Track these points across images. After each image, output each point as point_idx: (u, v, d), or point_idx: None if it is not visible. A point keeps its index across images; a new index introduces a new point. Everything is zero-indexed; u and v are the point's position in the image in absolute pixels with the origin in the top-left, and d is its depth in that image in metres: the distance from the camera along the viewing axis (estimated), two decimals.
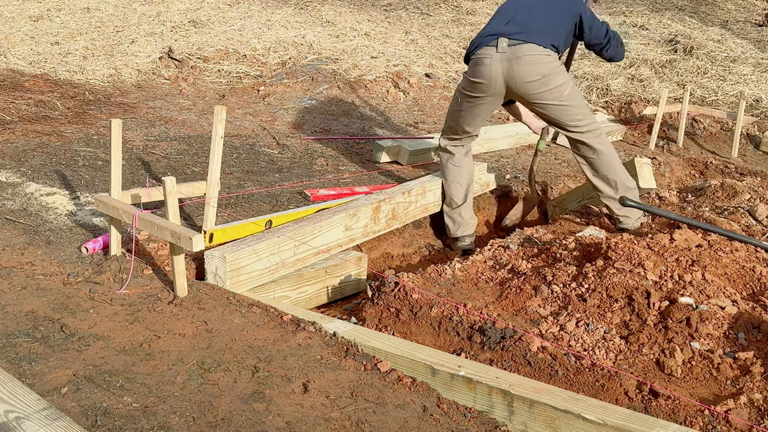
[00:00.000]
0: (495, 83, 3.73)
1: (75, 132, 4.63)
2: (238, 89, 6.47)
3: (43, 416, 1.73)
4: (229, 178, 4.09)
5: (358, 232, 3.60)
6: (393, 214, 3.83)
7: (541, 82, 3.69)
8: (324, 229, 3.38)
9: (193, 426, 1.99)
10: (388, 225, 3.83)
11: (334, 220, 3.43)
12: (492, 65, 3.69)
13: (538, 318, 2.87)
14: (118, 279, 2.84)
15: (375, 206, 3.69)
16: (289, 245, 3.17)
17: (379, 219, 3.74)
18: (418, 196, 4.00)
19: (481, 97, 3.82)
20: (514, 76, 3.67)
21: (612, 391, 2.44)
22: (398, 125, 5.91)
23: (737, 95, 7.20)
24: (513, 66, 3.66)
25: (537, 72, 3.67)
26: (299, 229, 3.24)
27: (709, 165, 5.81)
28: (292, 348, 2.47)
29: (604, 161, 3.89)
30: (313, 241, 3.31)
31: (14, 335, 2.37)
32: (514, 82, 3.69)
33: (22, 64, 6.34)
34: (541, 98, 3.74)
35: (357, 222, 3.58)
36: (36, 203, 3.43)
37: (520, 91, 3.74)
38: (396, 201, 3.83)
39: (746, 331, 2.76)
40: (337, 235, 3.47)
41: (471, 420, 2.23)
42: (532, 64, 3.66)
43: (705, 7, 11.15)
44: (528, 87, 3.70)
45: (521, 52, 3.66)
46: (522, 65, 3.66)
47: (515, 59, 3.65)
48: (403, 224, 3.99)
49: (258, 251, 3.04)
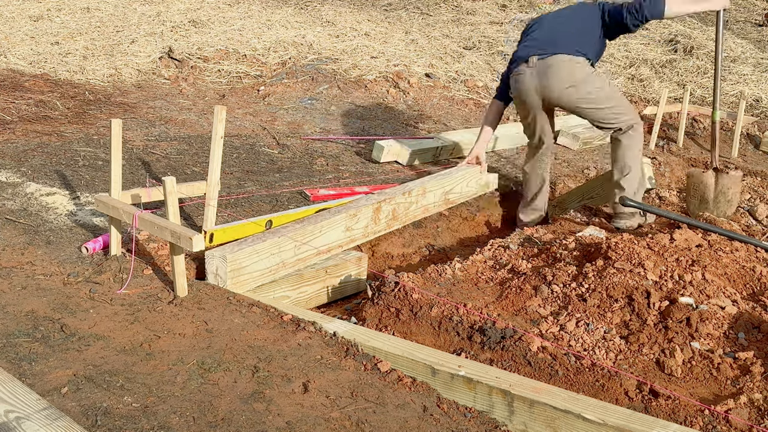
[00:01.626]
0: (529, 97, 3.98)
1: (75, 132, 4.63)
2: (238, 89, 6.47)
3: (43, 416, 1.73)
4: (229, 178, 4.09)
5: (358, 232, 3.60)
6: (393, 214, 3.83)
7: (574, 90, 3.89)
8: (325, 229, 3.37)
9: (193, 426, 1.99)
10: (389, 225, 3.83)
11: (334, 220, 3.43)
12: (524, 81, 3.95)
13: (538, 318, 2.87)
14: (118, 279, 2.84)
15: (375, 207, 3.69)
16: (289, 246, 3.17)
17: (379, 219, 3.74)
18: (419, 196, 4.00)
19: (526, 108, 4.08)
20: (545, 86, 3.90)
21: (612, 391, 2.44)
22: (398, 125, 5.90)
23: (737, 95, 7.20)
24: (543, 78, 3.89)
25: (567, 81, 3.88)
26: (300, 230, 3.24)
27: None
28: (292, 348, 2.47)
29: (627, 154, 4.08)
30: (314, 242, 3.31)
31: (14, 335, 2.37)
32: (546, 93, 3.93)
33: (22, 64, 6.34)
34: (577, 104, 3.95)
35: (357, 222, 3.58)
36: (36, 203, 3.43)
37: (554, 101, 3.97)
38: (396, 201, 3.83)
39: (746, 331, 2.76)
40: (337, 235, 3.46)
41: (471, 420, 2.23)
42: (562, 72, 3.87)
43: None
44: (561, 96, 3.91)
45: (549, 63, 3.88)
46: (551, 77, 3.88)
47: (544, 72, 3.88)
48: (404, 225, 3.99)
49: (259, 251, 3.04)
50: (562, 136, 5.82)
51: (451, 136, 5.32)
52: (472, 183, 4.40)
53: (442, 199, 4.19)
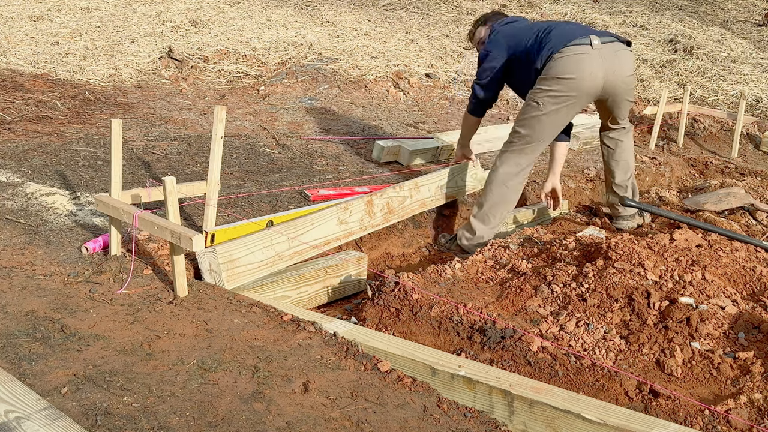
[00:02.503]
0: (592, 81, 3.68)
1: (75, 132, 4.63)
2: (238, 89, 6.47)
3: (43, 416, 1.73)
4: (229, 178, 4.09)
5: (354, 225, 3.61)
6: (389, 207, 3.83)
7: (632, 79, 3.87)
8: (316, 221, 3.40)
9: (193, 426, 1.99)
10: (386, 219, 3.83)
11: (325, 213, 3.46)
12: (590, 62, 3.66)
13: (538, 318, 2.87)
14: (118, 279, 2.84)
15: (367, 200, 3.71)
16: (281, 238, 3.19)
17: (374, 213, 3.73)
18: (412, 190, 4.00)
19: (570, 96, 3.71)
20: (616, 70, 3.74)
21: (612, 391, 2.44)
22: (398, 125, 5.90)
23: (737, 95, 7.20)
24: (613, 61, 3.73)
25: (632, 68, 3.84)
26: (290, 223, 3.28)
27: (710, 165, 5.81)
28: (293, 348, 2.47)
29: (628, 146, 4.21)
30: (306, 235, 3.33)
31: (14, 335, 2.37)
32: (615, 76, 3.74)
33: (22, 64, 6.34)
34: (629, 94, 3.92)
35: (351, 216, 3.59)
36: (36, 203, 3.43)
37: (620, 86, 3.81)
38: (389, 195, 3.84)
39: (746, 331, 2.76)
40: (331, 228, 3.48)
41: (471, 420, 2.23)
42: (629, 59, 3.82)
43: (705, 6, 11.15)
44: (628, 81, 3.84)
45: (616, 48, 3.77)
46: (624, 60, 3.78)
47: (614, 54, 3.74)
48: (402, 219, 3.98)
49: (248, 243, 3.06)
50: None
51: (451, 136, 5.31)
52: (467, 177, 4.41)
53: (439, 194, 4.19)
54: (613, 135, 4.18)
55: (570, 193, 4.88)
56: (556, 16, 9.91)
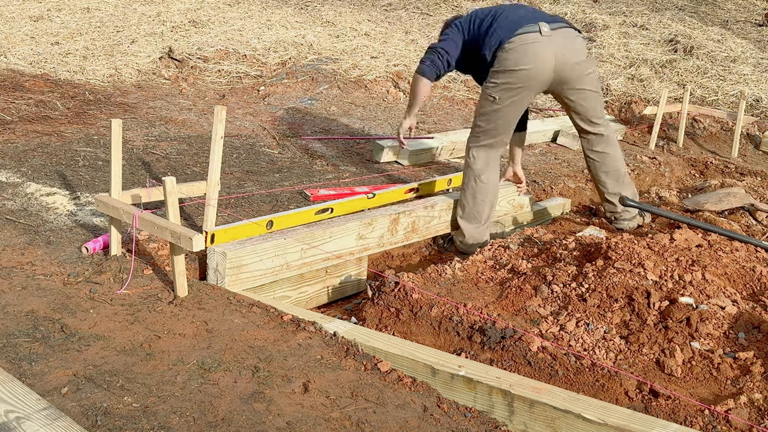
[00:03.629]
0: (543, 69, 3.60)
1: (75, 132, 4.63)
2: (238, 89, 6.47)
3: (43, 416, 1.73)
4: (229, 178, 4.09)
5: (372, 242, 3.56)
6: (413, 227, 3.75)
7: (586, 64, 3.72)
8: (335, 235, 3.34)
9: (193, 426, 1.99)
10: (407, 237, 3.75)
11: (347, 227, 3.40)
12: (541, 49, 3.56)
13: (538, 318, 2.87)
14: (118, 279, 2.84)
15: (393, 218, 3.62)
16: (295, 248, 3.16)
17: (397, 231, 3.67)
18: (443, 211, 3.90)
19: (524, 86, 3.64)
20: (566, 54, 3.62)
21: (612, 391, 2.44)
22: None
23: (737, 95, 7.20)
24: (562, 47, 3.61)
25: (581, 53, 3.71)
26: (308, 232, 3.23)
27: (709, 165, 5.81)
28: (293, 348, 2.47)
29: (617, 155, 4.02)
30: (322, 246, 3.29)
31: (14, 335, 2.37)
32: (565, 61, 3.63)
33: (22, 64, 6.33)
34: (584, 83, 3.74)
35: (372, 231, 3.54)
36: (36, 203, 3.43)
37: (570, 73, 3.67)
38: (417, 214, 3.74)
39: (746, 331, 2.76)
40: (349, 242, 3.42)
41: (471, 420, 2.23)
42: (577, 44, 3.70)
43: (705, 6, 11.16)
44: (577, 69, 3.68)
45: (568, 33, 3.66)
46: (573, 46, 3.66)
47: (564, 40, 3.63)
48: (423, 238, 3.90)
49: (260, 251, 3.03)
50: (562, 136, 5.82)
51: (451, 136, 5.32)
52: (503, 202, 4.21)
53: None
54: (598, 148, 3.98)
55: (570, 193, 4.87)
56: None
